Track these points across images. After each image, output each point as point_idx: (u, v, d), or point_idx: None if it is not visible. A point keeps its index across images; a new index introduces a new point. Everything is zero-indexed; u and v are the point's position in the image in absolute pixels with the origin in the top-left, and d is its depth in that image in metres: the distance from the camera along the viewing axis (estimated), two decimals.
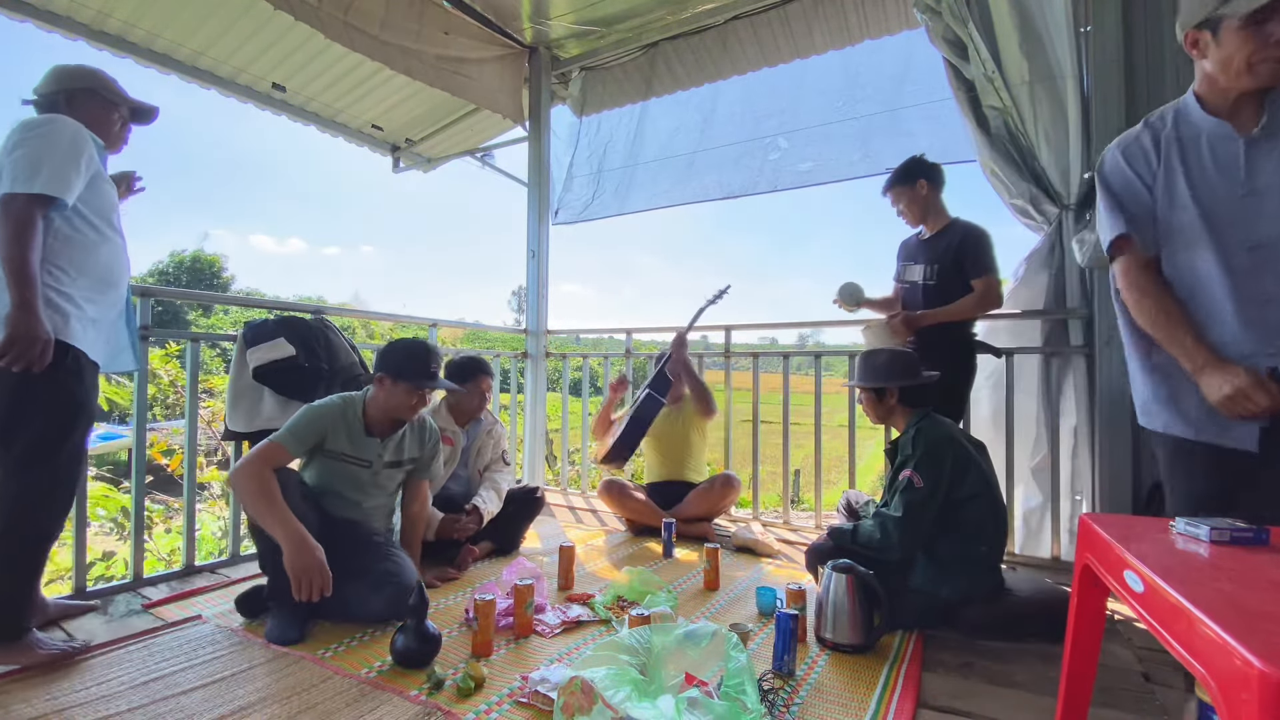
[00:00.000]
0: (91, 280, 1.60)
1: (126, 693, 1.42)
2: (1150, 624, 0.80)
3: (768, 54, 3.46)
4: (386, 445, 1.99)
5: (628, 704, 1.21)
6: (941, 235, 2.39)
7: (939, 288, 2.36)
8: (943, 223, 2.40)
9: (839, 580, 1.71)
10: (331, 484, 1.94)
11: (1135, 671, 1.61)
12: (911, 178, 2.41)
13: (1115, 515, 1.74)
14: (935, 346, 2.29)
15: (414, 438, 2.09)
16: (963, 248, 2.31)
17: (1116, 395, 2.32)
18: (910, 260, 2.50)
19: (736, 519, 3.20)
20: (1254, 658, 0.58)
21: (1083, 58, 2.43)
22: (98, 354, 1.63)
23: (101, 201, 1.63)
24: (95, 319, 1.62)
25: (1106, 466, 2.33)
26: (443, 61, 3.36)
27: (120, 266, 1.70)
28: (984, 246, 2.31)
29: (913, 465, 1.84)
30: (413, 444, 2.08)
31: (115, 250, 1.68)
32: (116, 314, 1.72)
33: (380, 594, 1.77)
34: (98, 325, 1.63)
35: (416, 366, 1.92)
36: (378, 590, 1.78)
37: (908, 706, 1.42)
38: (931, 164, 2.42)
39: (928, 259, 2.40)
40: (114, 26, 3.07)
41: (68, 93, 1.64)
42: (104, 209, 1.64)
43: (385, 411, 1.95)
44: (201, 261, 25.93)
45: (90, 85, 1.67)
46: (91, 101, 1.67)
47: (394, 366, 1.92)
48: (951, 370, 2.25)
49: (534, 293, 3.99)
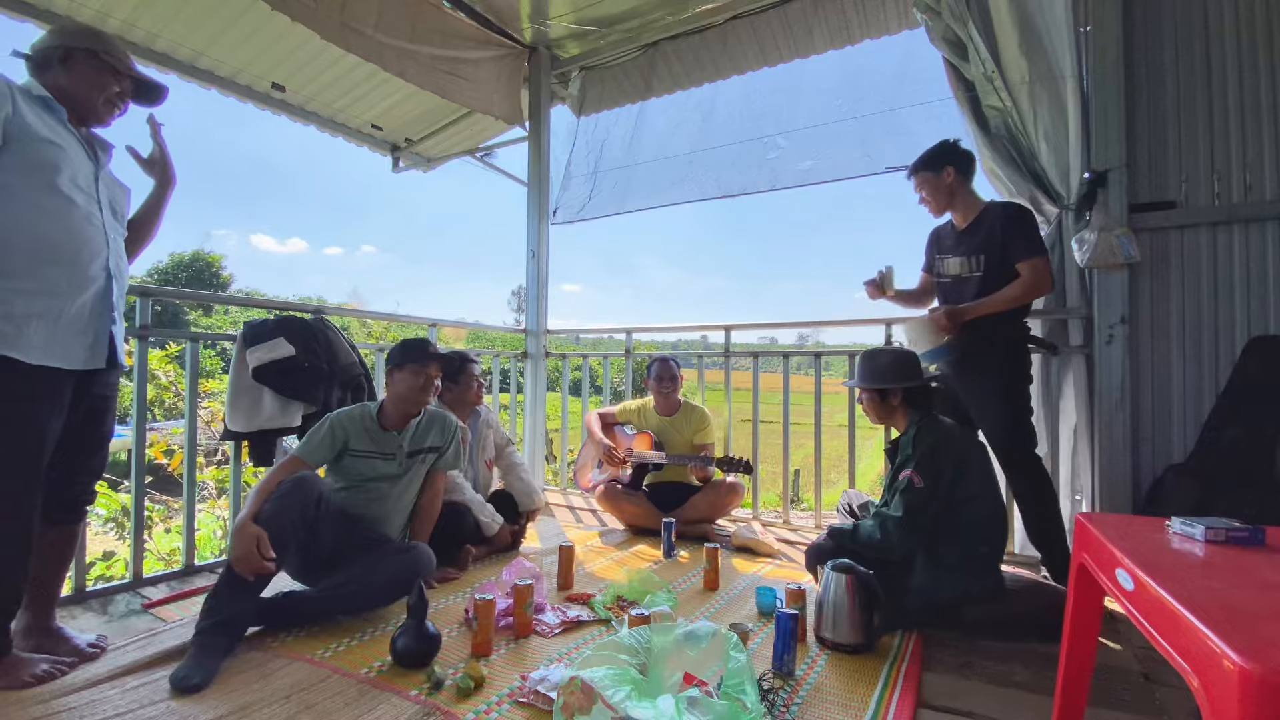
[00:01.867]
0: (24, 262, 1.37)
1: (126, 693, 1.42)
2: (1139, 621, 0.80)
3: (767, 54, 3.46)
4: (404, 435, 2.11)
5: (627, 704, 1.21)
6: (980, 222, 2.22)
7: (986, 278, 2.18)
8: (976, 210, 2.25)
9: (839, 580, 1.71)
10: (359, 477, 2.05)
11: (1135, 671, 1.61)
12: (937, 164, 2.25)
13: (1113, 515, 1.75)
14: (987, 343, 2.15)
15: (435, 428, 2.20)
16: (1008, 230, 2.14)
17: (1116, 395, 2.32)
18: (946, 253, 2.33)
19: (736, 519, 3.20)
20: (1234, 654, 0.58)
21: (1083, 58, 2.43)
22: (50, 354, 1.40)
23: (33, 162, 1.39)
24: (37, 313, 1.38)
25: (1106, 466, 2.33)
26: (438, 62, 3.35)
27: (76, 239, 1.45)
28: (1029, 225, 2.15)
29: (913, 465, 1.84)
30: (434, 434, 2.19)
31: (64, 220, 1.43)
32: (78, 300, 1.46)
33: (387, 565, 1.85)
34: (43, 319, 1.39)
35: (414, 350, 2.11)
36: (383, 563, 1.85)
37: (907, 706, 1.42)
38: (963, 151, 2.27)
39: (969, 250, 2.23)
40: (113, 26, 3.06)
41: (64, 49, 1.50)
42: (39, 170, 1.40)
43: (399, 403, 2.10)
44: (201, 261, 25.93)
45: (90, 46, 1.52)
46: (89, 64, 1.52)
47: (396, 359, 2.12)
48: (1011, 370, 2.17)
49: (534, 292, 3.99)
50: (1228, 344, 2.23)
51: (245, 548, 1.60)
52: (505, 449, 2.86)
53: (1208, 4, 2.29)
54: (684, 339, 32.21)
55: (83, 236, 1.47)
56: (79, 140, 1.52)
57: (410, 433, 2.13)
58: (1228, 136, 2.25)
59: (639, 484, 3.05)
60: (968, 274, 2.24)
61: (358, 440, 2.04)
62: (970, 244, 2.23)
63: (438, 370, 2.15)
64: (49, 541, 1.60)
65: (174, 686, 1.43)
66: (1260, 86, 2.20)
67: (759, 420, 3.33)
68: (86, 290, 1.48)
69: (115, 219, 1.60)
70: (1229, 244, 2.24)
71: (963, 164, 2.25)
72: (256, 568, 1.61)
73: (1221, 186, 2.26)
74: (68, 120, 1.52)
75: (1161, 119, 2.35)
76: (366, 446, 2.05)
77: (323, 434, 2.00)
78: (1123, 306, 2.33)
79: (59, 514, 1.61)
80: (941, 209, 2.30)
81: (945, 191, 2.25)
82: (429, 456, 2.18)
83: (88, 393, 1.56)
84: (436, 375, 2.14)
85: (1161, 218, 2.33)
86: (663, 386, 3.05)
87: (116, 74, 1.57)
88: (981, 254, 2.19)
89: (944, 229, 2.39)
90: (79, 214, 1.47)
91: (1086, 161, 2.41)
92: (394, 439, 2.09)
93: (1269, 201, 2.17)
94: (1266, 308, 2.17)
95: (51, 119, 1.47)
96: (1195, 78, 2.30)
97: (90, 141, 1.59)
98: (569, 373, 4.04)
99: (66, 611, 1.88)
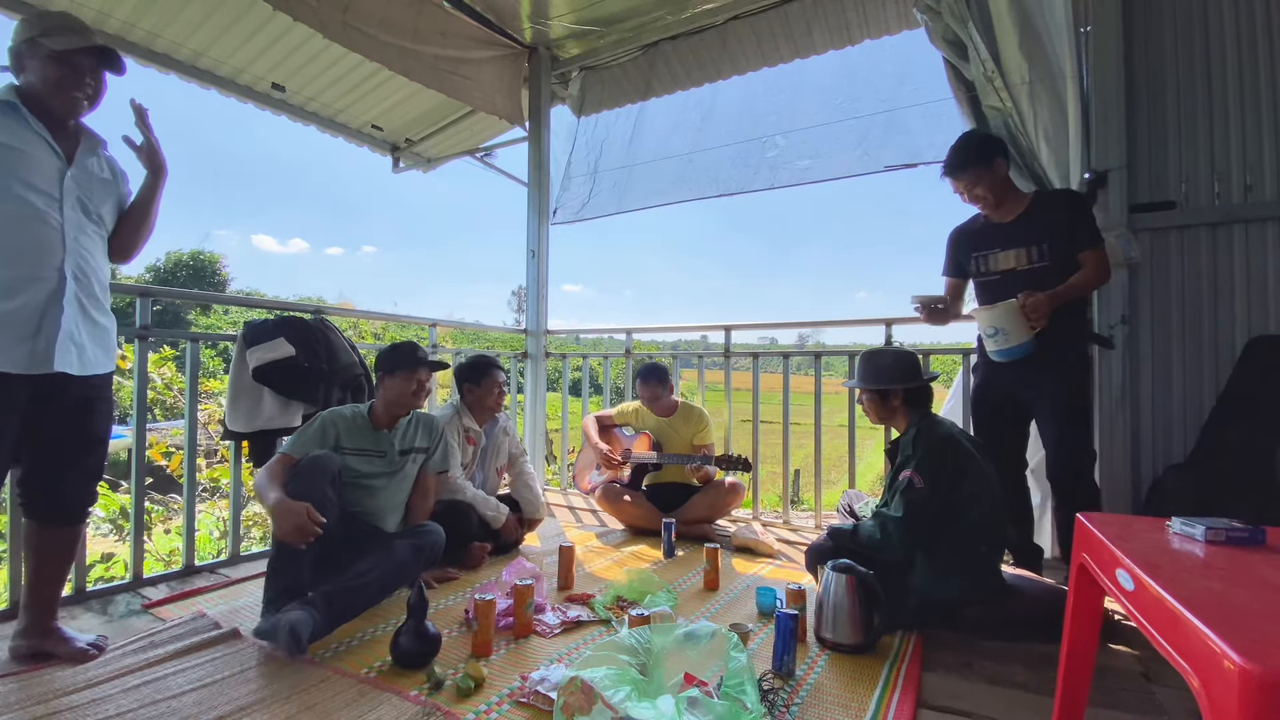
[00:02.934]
0: None
1: (126, 693, 1.41)
2: (1139, 621, 0.80)
3: (767, 54, 3.46)
4: (395, 434, 2.16)
5: (627, 704, 1.21)
6: (1036, 210, 2.10)
7: (1054, 268, 2.03)
8: (1024, 199, 2.13)
9: (839, 580, 1.71)
10: (353, 474, 2.05)
11: (1135, 672, 1.61)
12: (987, 158, 2.09)
13: (1113, 514, 1.75)
14: (1066, 334, 2.03)
15: (422, 429, 2.25)
16: (1075, 216, 2.03)
17: (1116, 395, 2.32)
18: (990, 247, 2.16)
19: (736, 519, 3.20)
20: (1234, 654, 0.58)
21: (1083, 58, 2.43)
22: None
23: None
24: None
25: (1106, 466, 2.33)
26: (441, 62, 3.36)
27: (17, 241, 1.42)
28: (1090, 213, 2.07)
29: (913, 465, 1.84)
30: (422, 435, 2.24)
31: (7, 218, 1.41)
32: (14, 302, 1.42)
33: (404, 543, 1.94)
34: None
35: (406, 356, 2.14)
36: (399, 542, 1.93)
37: (908, 706, 1.42)
38: (1000, 139, 2.20)
39: (1026, 240, 2.08)
40: (114, 26, 3.07)
41: (16, 48, 1.45)
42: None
43: (390, 406, 2.14)
44: (200, 260, 25.90)
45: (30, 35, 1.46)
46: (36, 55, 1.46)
47: (388, 364, 2.14)
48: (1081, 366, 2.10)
49: (534, 293, 3.99)
50: (1228, 344, 2.23)
51: (295, 519, 1.65)
52: (519, 459, 2.86)
53: (1208, 4, 2.29)
54: (684, 339, 32.13)
55: (28, 238, 1.43)
56: (43, 139, 1.48)
57: (400, 432, 2.18)
58: (1228, 137, 2.25)
59: (639, 485, 3.05)
60: (1027, 265, 2.08)
61: (349, 438, 2.07)
62: (1028, 233, 2.08)
63: (428, 375, 2.18)
64: (48, 543, 1.60)
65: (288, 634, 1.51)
66: (1260, 86, 2.20)
67: (759, 420, 3.32)
68: (27, 292, 1.43)
69: (87, 217, 1.55)
70: (1229, 244, 2.24)
71: (1006, 153, 2.15)
72: (310, 533, 1.65)
73: (1221, 187, 2.26)
74: (33, 118, 1.47)
75: (1161, 119, 2.35)
76: (359, 444, 2.08)
77: (313, 430, 2.02)
78: (1123, 306, 2.33)
79: (55, 516, 1.60)
80: (1001, 203, 2.13)
81: (1001, 185, 2.12)
82: (419, 456, 2.22)
83: (64, 394, 1.52)
84: (427, 379, 2.18)
85: (1161, 218, 2.33)
86: (651, 393, 3.04)
87: (61, 58, 1.47)
88: (1045, 242, 2.05)
89: (975, 226, 2.24)
90: (27, 215, 1.43)
91: (1086, 161, 2.41)
92: (385, 437, 2.14)
93: (1269, 202, 2.17)
94: (1266, 308, 2.17)
95: (11, 121, 1.44)
96: (1195, 78, 2.30)
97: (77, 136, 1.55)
98: (569, 373, 4.04)
99: (66, 612, 1.87)
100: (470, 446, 2.62)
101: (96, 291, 1.58)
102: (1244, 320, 2.20)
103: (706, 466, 2.88)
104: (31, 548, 1.60)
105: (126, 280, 1.93)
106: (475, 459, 2.67)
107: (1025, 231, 2.09)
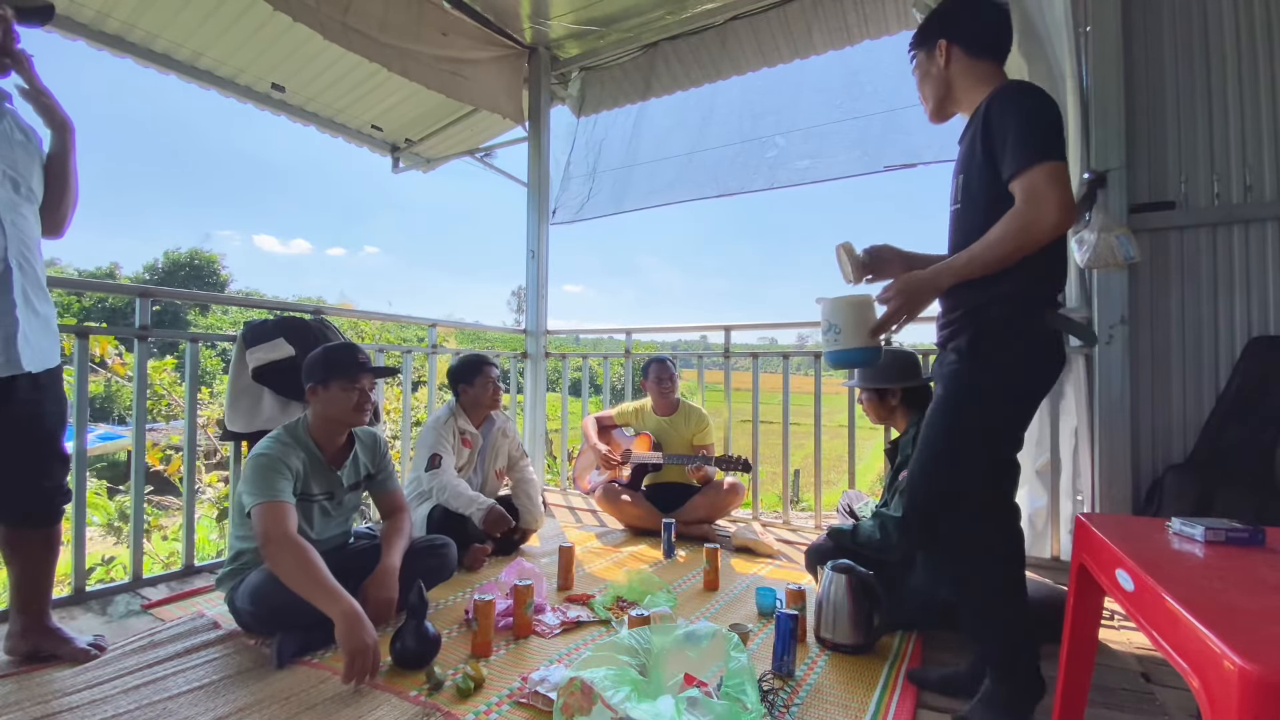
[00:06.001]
0: None
1: (125, 693, 1.41)
2: (1139, 622, 0.80)
3: (767, 54, 3.46)
4: (344, 470, 1.88)
5: (627, 704, 1.21)
6: (972, 122, 1.39)
7: (971, 211, 1.36)
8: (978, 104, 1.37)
9: (838, 580, 1.71)
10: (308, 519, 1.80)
11: (1135, 672, 1.61)
12: (927, 39, 1.47)
13: (1113, 515, 1.75)
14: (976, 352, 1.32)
15: (365, 451, 1.96)
16: (988, 128, 1.29)
17: (1116, 395, 2.32)
18: (953, 177, 1.48)
19: (736, 519, 3.20)
20: (1234, 654, 0.58)
21: (1082, 58, 2.43)
22: None
23: None
24: None
25: (1106, 466, 2.33)
26: (441, 62, 3.36)
27: None
28: (1021, 114, 1.25)
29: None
30: (365, 458, 1.96)
31: None
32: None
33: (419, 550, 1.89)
34: None
35: (341, 360, 1.81)
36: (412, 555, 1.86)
37: (907, 706, 1.42)
38: (969, 12, 1.42)
39: (956, 168, 1.45)
40: (113, 26, 3.06)
41: None
42: None
43: (329, 424, 1.82)
44: (200, 259, 25.91)
45: None
46: None
47: (320, 373, 1.79)
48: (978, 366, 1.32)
49: (534, 293, 3.99)
50: (1228, 344, 2.23)
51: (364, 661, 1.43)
52: (520, 461, 2.80)
53: (1207, 4, 2.29)
54: (684, 339, 32.21)
55: None
56: None
57: (349, 465, 1.89)
58: (1228, 137, 2.25)
59: (638, 485, 3.05)
60: (951, 207, 1.46)
61: (316, 479, 1.79)
62: (959, 158, 1.45)
63: (371, 383, 1.85)
64: (26, 545, 1.56)
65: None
66: (1260, 86, 2.20)
67: (759, 420, 3.33)
68: None
69: (17, 193, 1.39)
70: (1229, 244, 2.24)
71: (960, 35, 1.40)
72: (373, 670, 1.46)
73: (1221, 187, 2.26)
74: None
75: (1161, 119, 2.35)
76: (312, 489, 1.78)
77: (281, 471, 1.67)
78: (1123, 307, 2.33)
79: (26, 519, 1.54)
80: (939, 110, 1.48)
81: (936, 81, 1.44)
82: (364, 483, 1.98)
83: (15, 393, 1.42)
84: (370, 389, 1.85)
85: (1161, 218, 2.33)
86: (663, 387, 3.05)
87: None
88: (962, 172, 1.40)
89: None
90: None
91: (1086, 161, 2.41)
92: (335, 477, 1.84)
93: (1269, 202, 2.17)
94: (1266, 308, 2.17)
95: None
96: (1195, 78, 2.30)
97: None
98: (569, 373, 4.04)
99: (66, 612, 1.88)
100: (466, 449, 2.61)
101: (39, 278, 1.44)
102: (1244, 320, 2.20)
103: (706, 467, 2.88)
104: (10, 552, 1.55)
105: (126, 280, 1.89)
106: (471, 461, 2.65)
107: (960, 155, 1.44)
